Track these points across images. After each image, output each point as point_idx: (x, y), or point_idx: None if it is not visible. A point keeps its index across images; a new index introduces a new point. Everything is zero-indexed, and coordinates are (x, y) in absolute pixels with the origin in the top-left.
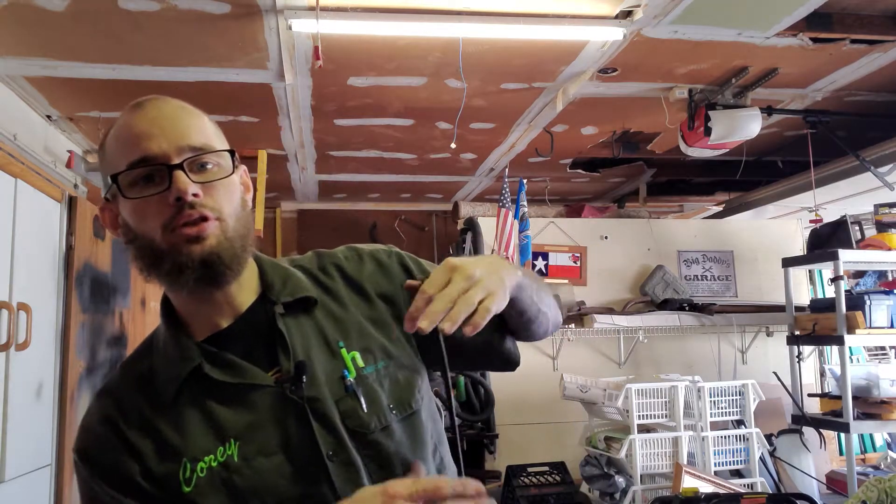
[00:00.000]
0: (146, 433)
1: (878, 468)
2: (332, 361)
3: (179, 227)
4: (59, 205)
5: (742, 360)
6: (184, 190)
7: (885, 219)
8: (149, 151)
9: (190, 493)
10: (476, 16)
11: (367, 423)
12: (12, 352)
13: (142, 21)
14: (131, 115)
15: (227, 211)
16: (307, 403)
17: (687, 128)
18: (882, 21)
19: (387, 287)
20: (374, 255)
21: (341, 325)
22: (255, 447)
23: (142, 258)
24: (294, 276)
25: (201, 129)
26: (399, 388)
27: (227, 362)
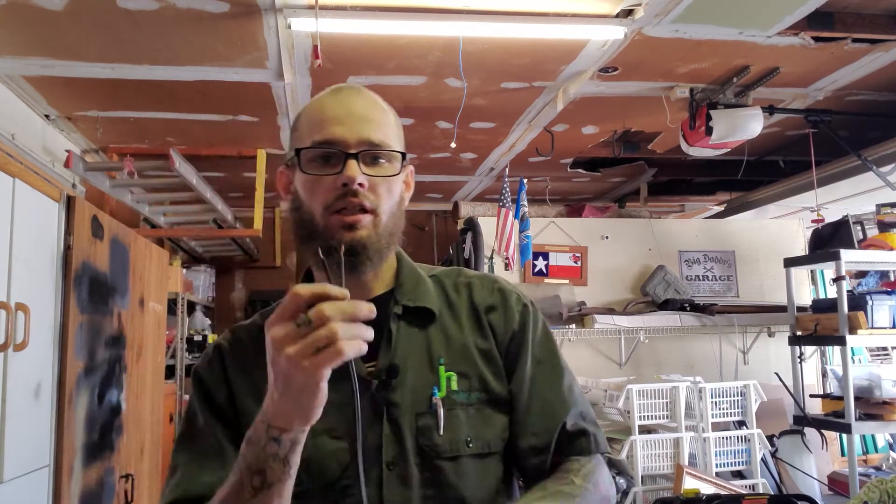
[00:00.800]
0: (244, 373)
1: (880, 469)
2: (428, 375)
3: (339, 212)
4: (58, 205)
5: (743, 360)
6: (352, 177)
7: (887, 219)
8: (332, 135)
9: None
10: (476, 15)
11: (437, 446)
12: (10, 352)
13: (140, 20)
14: (328, 98)
15: (384, 207)
16: (386, 406)
17: (688, 127)
18: (884, 20)
19: (501, 327)
20: (505, 294)
21: (450, 343)
22: (326, 425)
23: (300, 229)
24: (424, 285)
25: (383, 127)
26: (484, 425)
27: None
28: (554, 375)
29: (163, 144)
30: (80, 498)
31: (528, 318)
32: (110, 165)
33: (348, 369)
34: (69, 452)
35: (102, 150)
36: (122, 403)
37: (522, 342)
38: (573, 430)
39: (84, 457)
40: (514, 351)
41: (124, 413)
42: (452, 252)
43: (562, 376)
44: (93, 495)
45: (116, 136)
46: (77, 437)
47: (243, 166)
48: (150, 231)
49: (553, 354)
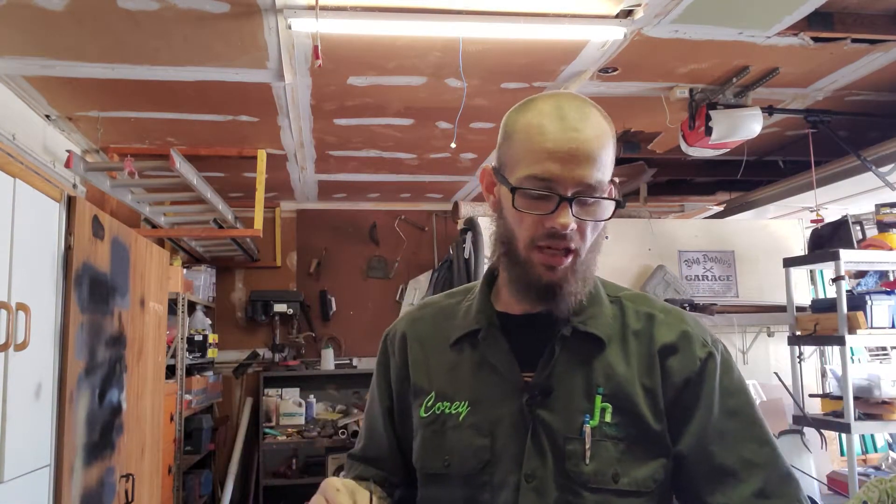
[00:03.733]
0: (422, 353)
1: (880, 469)
2: (582, 402)
3: (543, 249)
4: (58, 205)
5: (743, 360)
6: (564, 225)
7: (887, 219)
8: (550, 174)
9: (423, 419)
10: (476, 15)
11: (583, 475)
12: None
13: (141, 20)
14: (551, 118)
15: (587, 245)
16: (534, 420)
17: (688, 127)
18: (883, 20)
19: (676, 370)
20: (688, 336)
21: (612, 374)
22: (476, 420)
23: (500, 241)
24: (603, 311)
25: (604, 164)
26: (635, 463)
27: (497, 341)
28: (749, 426)
29: (163, 144)
30: (80, 498)
31: (712, 366)
32: (111, 165)
33: (508, 372)
34: (70, 452)
35: (103, 151)
36: (123, 403)
37: (701, 391)
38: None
39: (84, 456)
40: (687, 399)
41: (125, 413)
42: (452, 252)
43: (760, 426)
44: (93, 495)
45: (117, 137)
46: (77, 436)
47: (244, 166)
48: (150, 231)
49: (747, 403)
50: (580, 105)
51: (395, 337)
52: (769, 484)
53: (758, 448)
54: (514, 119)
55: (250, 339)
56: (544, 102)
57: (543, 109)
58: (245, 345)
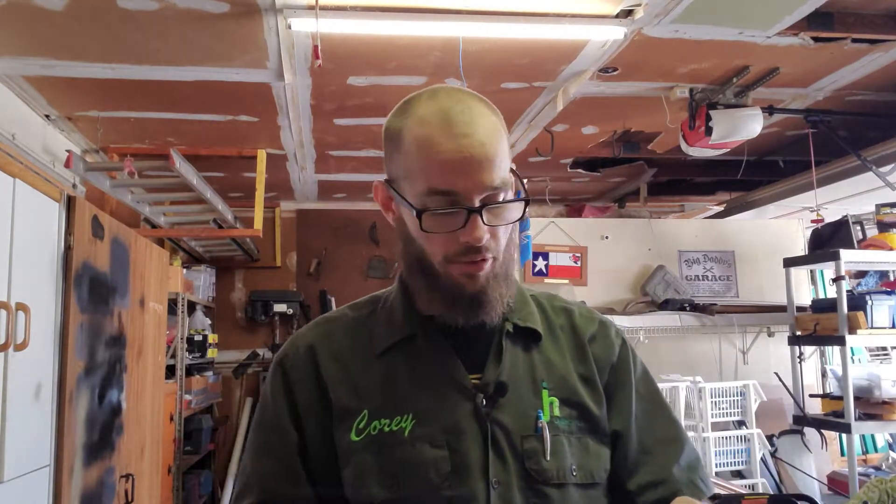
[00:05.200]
0: (341, 370)
1: (880, 469)
2: (531, 398)
3: (460, 263)
4: (58, 205)
5: (743, 360)
6: (478, 239)
7: (887, 219)
8: (454, 187)
9: (355, 444)
10: (476, 15)
11: (545, 471)
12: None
13: (141, 20)
14: (439, 129)
15: (503, 245)
16: (490, 423)
17: (688, 127)
18: (883, 20)
19: (602, 357)
20: (604, 324)
21: (552, 368)
22: (426, 432)
23: (411, 262)
24: (530, 306)
25: (502, 163)
26: (586, 454)
27: (438, 345)
28: (662, 411)
29: (163, 144)
30: (80, 498)
31: (627, 352)
32: (110, 165)
33: (455, 376)
34: (69, 452)
35: (103, 151)
36: (123, 403)
37: (624, 377)
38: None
39: (84, 457)
40: (612, 385)
41: (125, 413)
42: None
43: (669, 412)
44: (93, 495)
45: (117, 136)
46: (77, 436)
47: (243, 166)
48: (150, 231)
49: (657, 391)
50: (464, 104)
51: (296, 359)
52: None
53: (672, 428)
54: (398, 129)
55: (250, 340)
56: (425, 107)
57: (426, 117)
58: (245, 345)
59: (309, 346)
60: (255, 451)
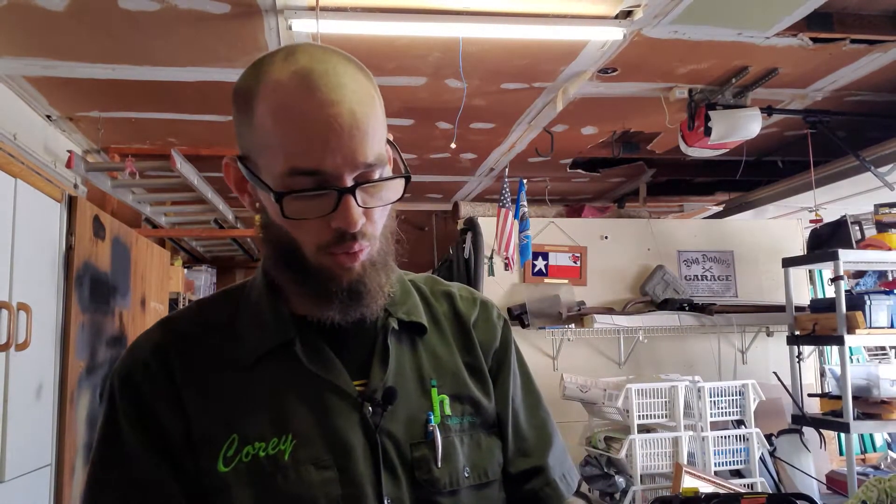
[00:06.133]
0: (199, 385)
1: (879, 468)
2: (420, 400)
3: (334, 253)
4: (59, 205)
5: (742, 360)
6: (353, 223)
7: (886, 219)
8: (321, 165)
9: (224, 474)
10: (476, 16)
11: (436, 480)
12: (12, 352)
13: (141, 21)
14: (299, 97)
15: (380, 229)
16: (380, 435)
17: (687, 128)
18: (882, 21)
19: (486, 342)
20: (486, 305)
21: (439, 362)
22: (310, 453)
23: (275, 256)
24: (413, 297)
25: (377, 131)
26: (479, 452)
27: (319, 350)
28: (536, 396)
29: (164, 145)
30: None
31: (508, 334)
32: (112, 166)
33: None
34: (70, 451)
35: (104, 151)
36: None
37: (504, 360)
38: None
39: (85, 456)
40: (494, 368)
41: None
42: (452, 252)
43: (541, 398)
44: None
45: (118, 137)
46: (78, 436)
47: None
48: (151, 231)
49: (529, 374)
50: (328, 64)
51: (146, 371)
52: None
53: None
54: (248, 94)
55: None
56: (280, 69)
57: (282, 81)
58: None
59: (161, 354)
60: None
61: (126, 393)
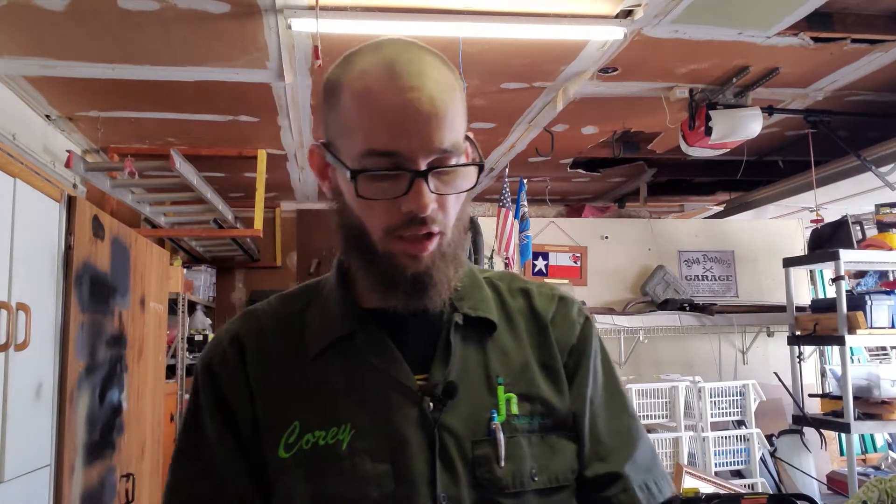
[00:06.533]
0: (269, 375)
1: (879, 468)
2: (485, 397)
3: (403, 238)
4: (58, 205)
5: (743, 360)
6: (424, 206)
7: (886, 219)
8: (396, 148)
9: (285, 460)
10: (476, 15)
11: (498, 480)
12: (11, 352)
13: (141, 21)
14: (383, 80)
15: (452, 221)
16: (438, 430)
17: (688, 127)
18: (883, 20)
19: (563, 339)
20: (565, 301)
21: (509, 359)
22: (367, 444)
23: (348, 238)
24: (483, 292)
25: (454, 119)
26: (550, 454)
27: (381, 342)
28: (620, 398)
29: (163, 145)
30: (80, 497)
31: (589, 331)
32: (111, 165)
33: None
34: (70, 452)
35: (103, 151)
36: (123, 403)
37: (582, 358)
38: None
39: (85, 456)
40: (571, 367)
41: (125, 412)
42: None
43: (626, 401)
44: (94, 495)
45: (117, 137)
46: (78, 436)
47: (244, 166)
48: (150, 231)
49: (615, 377)
50: (413, 55)
51: (224, 361)
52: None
53: (630, 419)
54: (336, 81)
55: None
56: (368, 58)
57: (368, 68)
58: None
59: (237, 344)
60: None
61: (206, 381)
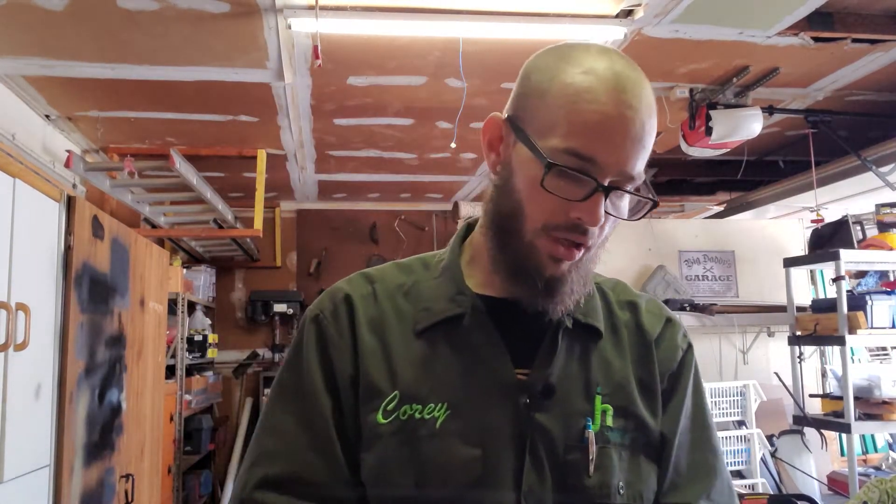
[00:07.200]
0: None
1: (880, 469)
2: (582, 404)
3: (557, 239)
4: (58, 205)
5: (743, 360)
6: (595, 220)
7: (887, 219)
8: (595, 156)
9: (380, 427)
10: (476, 15)
11: (587, 489)
12: (11, 352)
13: (141, 20)
14: (607, 88)
15: (599, 241)
16: (531, 428)
17: (688, 127)
18: (883, 20)
19: (665, 362)
20: (673, 324)
21: (610, 371)
22: (460, 427)
23: (499, 217)
24: (595, 300)
25: (647, 151)
26: (637, 472)
27: (487, 330)
28: (706, 430)
29: (163, 144)
30: (80, 498)
31: (690, 359)
32: (110, 165)
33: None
34: (69, 452)
35: (103, 151)
36: (123, 403)
37: (679, 384)
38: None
39: (84, 457)
40: (668, 391)
41: (125, 413)
42: None
43: (713, 435)
44: (93, 495)
45: (117, 137)
46: (77, 436)
47: (243, 166)
48: (150, 231)
49: (706, 406)
50: (636, 74)
51: (334, 316)
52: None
53: (713, 455)
54: (553, 70)
55: (250, 340)
56: (595, 59)
57: (596, 69)
58: (245, 345)
59: (349, 304)
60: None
61: (313, 330)
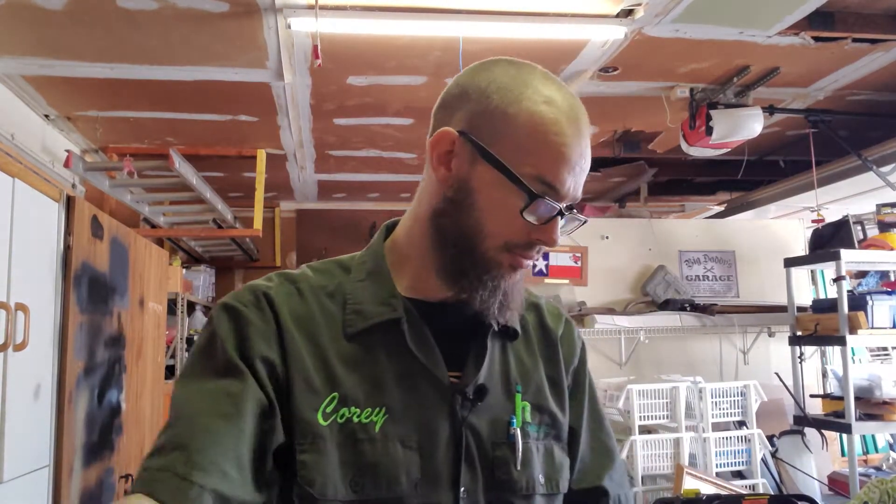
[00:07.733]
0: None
1: (881, 469)
2: (505, 402)
3: (515, 254)
4: (57, 204)
5: (744, 360)
6: (554, 242)
7: (888, 219)
8: (560, 185)
9: (320, 428)
10: (476, 14)
11: (514, 482)
12: (10, 352)
13: (140, 20)
14: (569, 122)
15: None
16: (465, 428)
17: (688, 127)
18: (884, 20)
19: (568, 358)
20: (570, 323)
21: (524, 369)
22: (399, 430)
23: (450, 229)
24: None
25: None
26: (552, 463)
27: (422, 335)
28: (601, 417)
29: (162, 144)
30: (79, 498)
31: (585, 355)
32: (110, 165)
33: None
34: (69, 452)
35: (102, 150)
36: (122, 403)
37: (580, 379)
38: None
39: (84, 457)
40: (571, 386)
41: (124, 413)
42: None
43: (607, 421)
44: (92, 495)
45: (116, 136)
46: (77, 437)
47: (243, 166)
48: (149, 231)
49: (596, 396)
50: (578, 102)
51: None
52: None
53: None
54: (514, 94)
55: None
56: (549, 89)
57: (555, 100)
58: None
59: (271, 298)
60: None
61: (228, 316)
